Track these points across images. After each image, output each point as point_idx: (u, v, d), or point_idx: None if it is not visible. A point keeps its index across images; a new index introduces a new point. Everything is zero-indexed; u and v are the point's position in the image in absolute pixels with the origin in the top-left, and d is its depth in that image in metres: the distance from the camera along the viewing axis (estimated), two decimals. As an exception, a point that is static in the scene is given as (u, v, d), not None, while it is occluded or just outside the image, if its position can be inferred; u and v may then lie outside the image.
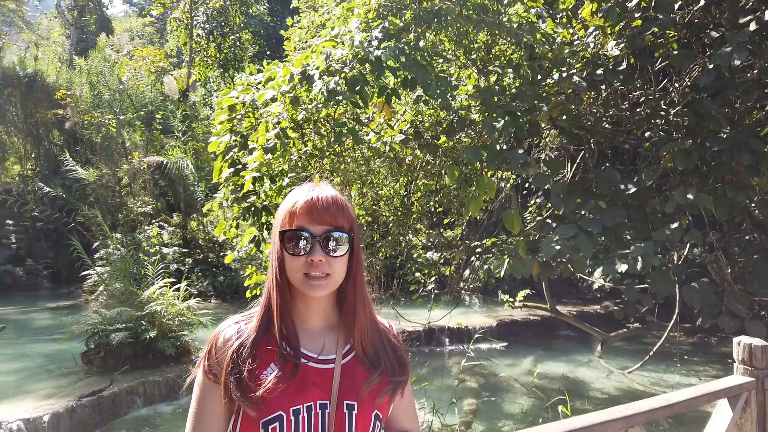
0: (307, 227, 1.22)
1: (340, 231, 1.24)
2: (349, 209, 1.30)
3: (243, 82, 5.67)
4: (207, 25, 19.18)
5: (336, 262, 1.24)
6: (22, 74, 17.74)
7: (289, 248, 1.23)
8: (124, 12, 42.81)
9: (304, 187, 1.30)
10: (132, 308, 7.34)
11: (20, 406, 5.72)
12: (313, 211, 1.23)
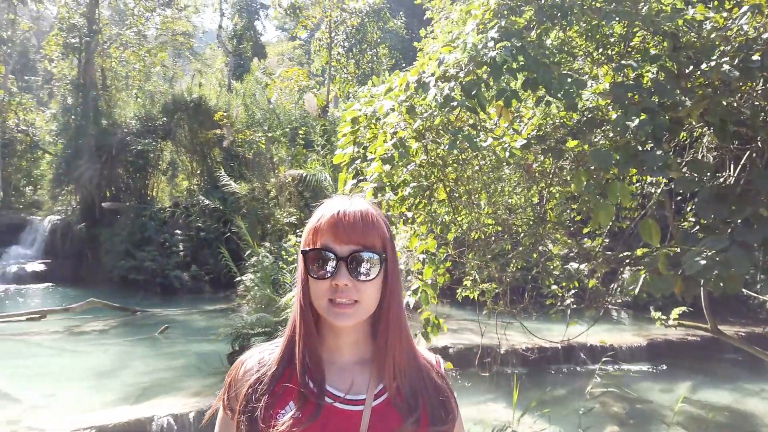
0: (332, 246, 1.08)
1: (369, 251, 1.09)
2: (381, 225, 1.14)
3: (365, 94, 5.74)
4: (346, 43, 20.03)
5: (365, 286, 1.09)
6: (189, 99, 19.90)
7: (312, 270, 1.09)
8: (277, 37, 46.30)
9: (335, 200, 1.15)
10: (270, 314, 7.76)
11: (171, 402, 6.28)
12: (338, 227, 1.09)
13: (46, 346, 9.52)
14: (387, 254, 1.13)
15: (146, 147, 18.03)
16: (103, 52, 21.32)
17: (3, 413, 6.02)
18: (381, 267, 1.11)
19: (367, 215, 1.12)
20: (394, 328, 1.14)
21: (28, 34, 28.18)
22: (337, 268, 1.07)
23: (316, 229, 1.11)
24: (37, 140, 21.44)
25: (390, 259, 1.14)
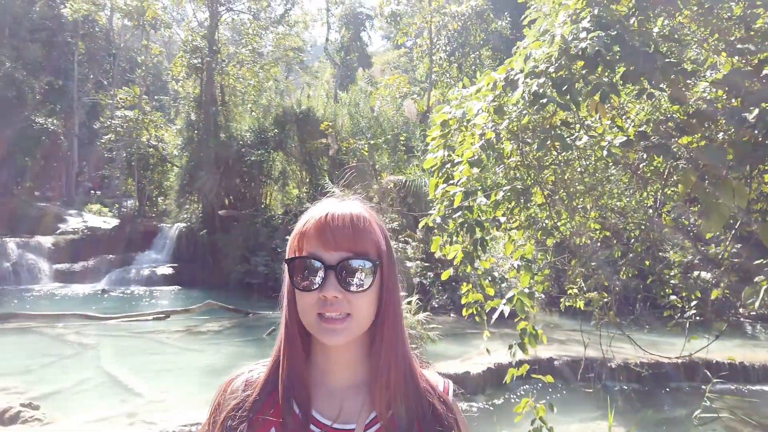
0: (319, 254, 0.96)
1: (361, 258, 0.96)
2: (375, 230, 1.01)
3: (456, 96, 5.61)
4: (448, 47, 19.89)
5: (357, 298, 0.96)
6: (298, 111, 20.81)
7: (297, 281, 0.97)
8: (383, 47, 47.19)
9: (324, 202, 1.03)
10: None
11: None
12: (326, 232, 0.96)
13: (168, 344, 10.31)
14: (382, 262, 1.00)
15: (259, 158, 19.07)
16: (221, 70, 22.89)
17: (124, 407, 6.58)
18: (375, 276, 0.98)
19: (359, 218, 1.00)
20: (390, 346, 1.01)
21: (159, 57, 31.03)
22: (326, 278, 0.95)
23: (302, 235, 0.99)
24: (166, 154, 23.44)
25: (386, 268, 1.01)
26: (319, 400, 1.01)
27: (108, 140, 24.58)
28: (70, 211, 27.16)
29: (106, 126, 25.09)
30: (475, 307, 6.23)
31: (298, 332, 1.01)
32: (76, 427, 5.53)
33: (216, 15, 23.10)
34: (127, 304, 15.79)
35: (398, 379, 1.00)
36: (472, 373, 7.92)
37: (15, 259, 19.84)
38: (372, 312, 0.99)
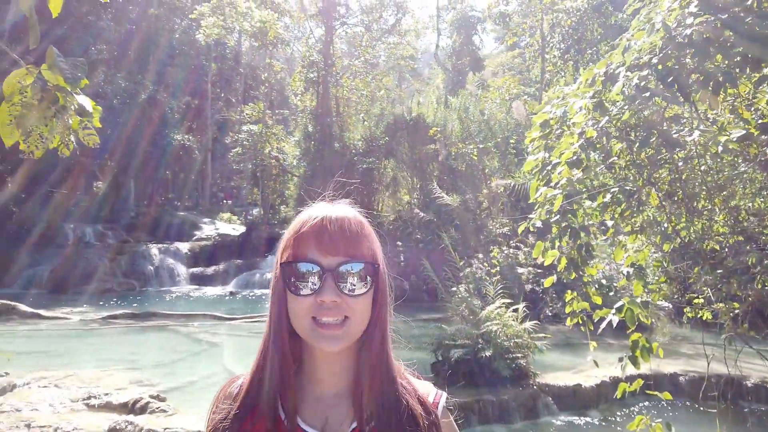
0: (317, 258, 0.95)
1: (360, 262, 0.96)
2: (371, 234, 1.03)
3: (557, 94, 5.36)
4: (563, 45, 19.10)
5: (355, 302, 0.95)
6: (408, 118, 21.06)
7: (293, 285, 0.96)
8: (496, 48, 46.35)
9: (317, 206, 1.04)
10: (471, 326, 7.69)
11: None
12: (323, 236, 0.96)
13: (283, 344, 10.86)
14: (379, 266, 1.01)
15: (370, 165, 19.53)
16: (336, 82, 23.83)
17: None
18: (373, 281, 0.98)
19: (358, 223, 1.01)
20: (377, 353, 0.99)
21: (282, 74, 32.93)
22: (324, 282, 0.94)
23: (298, 238, 0.98)
24: (286, 165, 24.79)
25: (380, 273, 1.01)
26: (306, 408, 0.99)
27: (236, 153, 26.52)
28: (204, 219, 29.64)
29: (234, 140, 27.09)
30: (581, 317, 5.90)
31: (288, 338, 0.99)
32: (196, 419, 5.99)
33: (331, 30, 24.11)
34: (251, 306, 16.87)
35: (379, 386, 0.98)
36: (584, 386, 7.49)
37: (157, 263, 22.03)
38: (367, 316, 0.99)
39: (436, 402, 1.06)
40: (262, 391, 0.98)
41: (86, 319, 12.94)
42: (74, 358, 9.28)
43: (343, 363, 1.00)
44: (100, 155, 26.26)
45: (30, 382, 7.23)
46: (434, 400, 1.06)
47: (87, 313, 13.65)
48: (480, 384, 7.27)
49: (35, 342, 10.62)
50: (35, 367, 8.10)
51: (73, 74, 2.53)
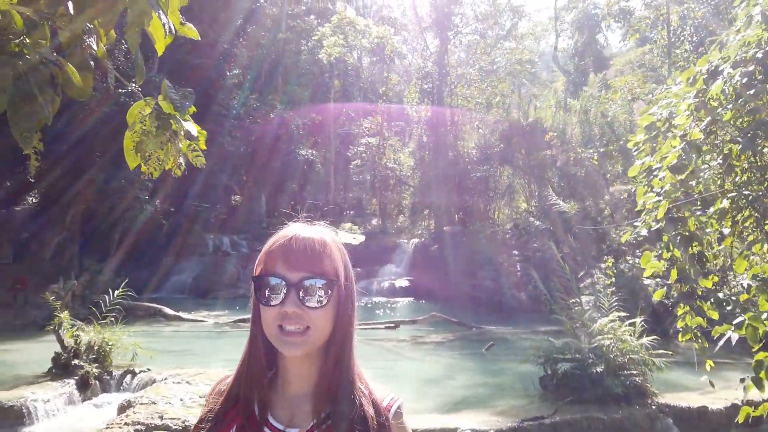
0: (282, 273, 1.06)
1: (320, 278, 1.06)
2: (335, 253, 1.12)
3: (663, 95, 5.02)
4: (695, 38, 17.58)
5: (315, 314, 1.06)
6: (524, 124, 20.57)
7: (261, 297, 1.07)
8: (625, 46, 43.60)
9: (291, 225, 1.13)
10: (582, 339, 7.35)
11: (476, 417, 6.53)
12: (289, 253, 1.07)
13: (393, 352, 11.08)
14: (339, 282, 1.10)
15: (485, 173, 19.31)
16: (451, 92, 23.91)
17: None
18: (332, 294, 1.08)
19: (321, 242, 1.10)
20: (337, 360, 1.10)
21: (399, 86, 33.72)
22: (287, 294, 1.05)
23: (268, 255, 1.10)
24: (402, 175, 25.27)
25: (342, 287, 1.10)
26: (277, 407, 1.10)
27: (355, 165, 27.56)
28: (327, 229, 31.03)
29: (354, 153, 28.18)
30: (694, 332, 5.45)
31: (263, 344, 1.10)
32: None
33: (445, 40, 24.25)
34: (369, 313, 17.36)
35: (336, 389, 1.08)
36: (711, 409, 6.83)
37: (284, 271, 23.42)
38: (329, 326, 1.09)
39: (389, 406, 1.15)
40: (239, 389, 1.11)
41: (219, 323, 14.15)
42: (206, 358, 10.21)
43: (308, 367, 1.10)
44: (237, 171, 28.59)
45: (167, 378, 8.06)
46: (387, 405, 1.15)
47: (221, 317, 14.91)
48: (589, 401, 6.90)
49: (175, 342, 11.82)
50: (173, 364, 9.02)
51: (181, 103, 2.86)
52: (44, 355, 8.26)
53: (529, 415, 6.57)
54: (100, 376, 8.16)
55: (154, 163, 2.99)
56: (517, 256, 18.06)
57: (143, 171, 2.99)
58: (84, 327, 8.50)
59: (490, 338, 12.02)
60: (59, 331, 8.20)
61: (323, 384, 1.08)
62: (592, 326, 7.42)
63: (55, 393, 7.20)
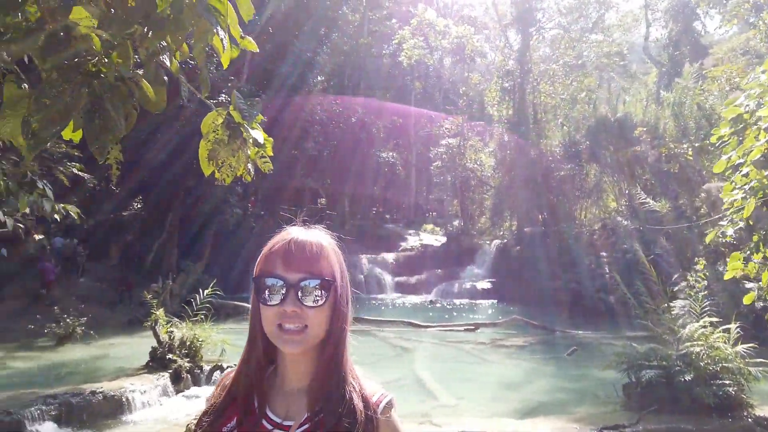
0: (282, 274, 1.11)
1: (317, 278, 1.11)
2: (331, 255, 1.16)
3: (752, 85, 4.67)
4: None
5: (313, 313, 1.11)
6: (613, 119, 19.64)
7: (262, 297, 1.12)
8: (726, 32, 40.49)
9: (290, 229, 1.18)
10: (667, 345, 6.95)
11: (553, 423, 6.35)
12: (288, 256, 1.12)
13: (472, 354, 10.97)
14: (335, 283, 1.14)
15: (570, 171, 18.65)
16: (533, 89, 23.30)
17: (420, 407, 7.32)
18: (329, 295, 1.13)
19: (318, 245, 1.15)
20: (330, 357, 1.14)
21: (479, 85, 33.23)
22: (286, 294, 1.10)
23: (268, 257, 1.15)
24: (483, 175, 24.92)
25: (338, 288, 1.15)
26: (275, 401, 1.16)
27: (436, 167, 27.51)
28: (409, 231, 31.22)
29: (434, 154, 28.15)
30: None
31: (262, 342, 1.16)
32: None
33: (527, 36, 23.67)
34: (449, 315, 17.30)
35: (329, 384, 1.12)
36: (818, 427, 6.22)
37: (366, 272, 23.85)
38: (325, 325, 1.14)
39: (378, 401, 1.16)
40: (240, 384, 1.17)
41: (302, 321, 14.63)
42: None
43: (305, 364, 1.15)
44: (322, 175, 29.43)
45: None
46: (377, 400, 1.16)
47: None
48: (676, 411, 6.50)
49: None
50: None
51: (249, 112, 3.05)
52: (143, 349, 8.94)
53: (609, 423, 6.30)
54: (192, 370, 8.70)
55: (226, 169, 3.18)
56: (605, 258, 17.29)
57: (217, 177, 3.20)
58: (177, 323, 9.12)
59: (573, 343, 11.61)
60: (155, 327, 8.84)
61: (318, 380, 1.13)
62: (680, 332, 6.99)
63: (151, 385, 7.77)
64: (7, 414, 6.20)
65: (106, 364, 9.77)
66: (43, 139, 2.49)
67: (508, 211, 21.11)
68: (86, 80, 2.38)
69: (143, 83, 2.76)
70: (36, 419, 6.35)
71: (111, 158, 3.64)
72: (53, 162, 12.72)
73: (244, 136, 3.04)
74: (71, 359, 10.18)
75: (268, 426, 1.12)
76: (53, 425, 6.44)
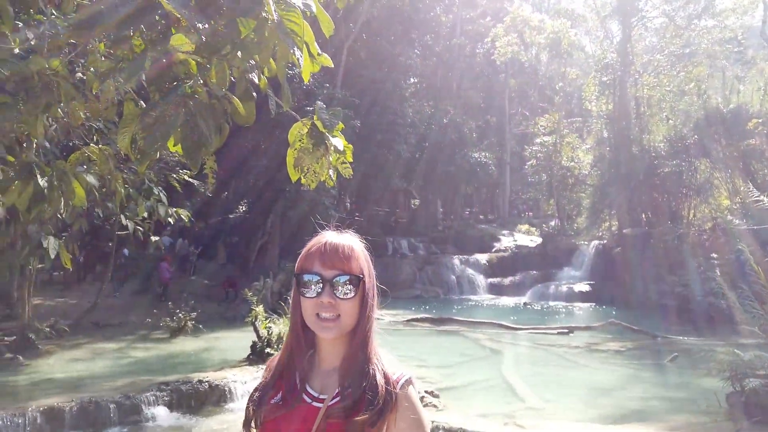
0: (319, 271, 1.32)
1: (348, 275, 1.33)
2: (360, 256, 1.38)
3: None
4: None
5: (344, 304, 1.32)
6: (725, 111, 18.23)
7: (302, 290, 1.34)
8: None
9: (326, 233, 1.40)
10: (776, 354, 6.45)
11: (639, 430, 6.11)
12: (324, 256, 1.34)
13: (565, 358, 10.67)
14: (364, 279, 1.35)
15: (676, 168, 17.55)
16: (635, 82, 22.11)
17: (505, 408, 7.27)
18: (358, 289, 1.34)
19: (350, 247, 1.36)
20: (358, 343, 1.34)
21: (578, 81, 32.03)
22: (323, 288, 1.31)
23: (307, 256, 1.36)
24: (580, 174, 23.99)
25: (366, 283, 1.36)
26: (313, 378, 1.38)
27: (531, 165, 26.87)
28: (503, 231, 30.69)
29: (529, 153, 27.51)
30: None
31: (302, 329, 1.38)
32: (460, 418, 6.54)
33: (629, 27, 22.51)
34: (543, 318, 16.88)
35: (357, 364, 1.33)
36: None
37: (458, 273, 23.79)
38: (356, 315, 1.35)
39: (397, 379, 1.34)
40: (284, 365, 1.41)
41: (395, 321, 14.95)
42: (379, 352, 10.90)
43: (338, 347, 1.36)
44: (414, 176, 29.72)
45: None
46: (397, 378, 1.35)
47: (397, 315, 15.72)
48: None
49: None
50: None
51: (331, 121, 3.32)
52: (245, 343, 9.62)
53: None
54: (288, 364, 9.23)
55: (311, 175, 3.46)
56: (716, 260, 16.08)
57: (303, 183, 3.47)
58: (275, 320, 9.72)
59: (676, 349, 10.96)
60: (255, 323, 9.48)
61: (347, 360, 1.34)
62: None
63: (251, 376, 8.35)
64: (126, 398, 7.01)
65: (212, 355, 10.60)
66: (148, 155, 2.88)
67: (607, 211, 20.19)
68: (183, 101, 2.73)
69: (234, 100, 3.10)
70: (151, 404, 7.10)
71: (207, 168, 4.05)
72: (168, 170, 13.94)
73: (326, 144, 3.30)
74: (182, 350, 11.13)
75: (307, 399, 1.34)
76: (165, 409, 7.16)
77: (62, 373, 8.95)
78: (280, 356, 1.43)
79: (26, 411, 6.37)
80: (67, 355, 10.33)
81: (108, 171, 4.64)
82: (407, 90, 30.59)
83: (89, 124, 8.28)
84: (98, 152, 4.44)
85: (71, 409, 6.63)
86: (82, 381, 8.30)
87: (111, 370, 9.37)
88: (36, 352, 10.34)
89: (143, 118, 2.60)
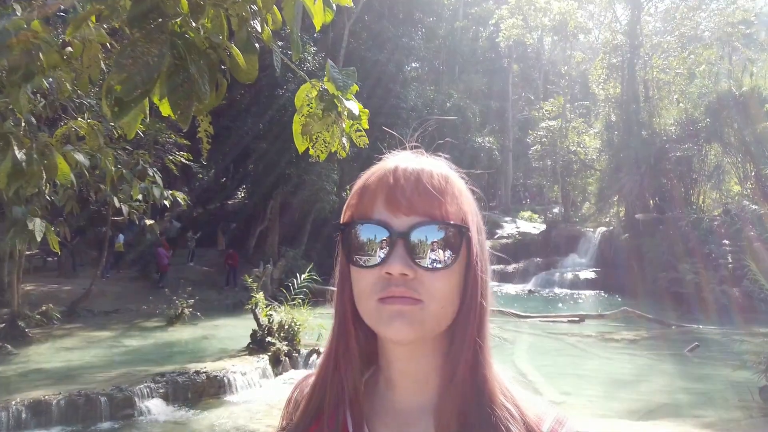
0: (385, 218, 0.69)
1: (440, 225, 0.68)
2: (462, 192, 0.73)
3: None
4: None
5: (433, 279, 0.68)
6: (737, 94, 17.69)
7: (353, 255, 0.70)
8: None
9: (396, 155, 0.77)
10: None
11: (675, 428, 5.70)
12: (394, 190, 0.69)
13: (578, 348, 10.27)
14: (469, 232, 0.71)
15: (686, 153, 17.06)
16: (644, 64, 21.54)
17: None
18: (460, 251, 0.69)
19: (442, 176, 0.72)
20: (470, 357, 0.70)
21: (583, 65, 31.41)
22: (392, 249, 0.68)
23: (362, 194, 0.73)
24: (587, 159, 23.49)
25: (473, 243, 0.71)
26: (378, 422, 0.75)
27: (535, 151, 26.34)
28: (506, 218, 30.22)
29: (534, 138, 26.98)
30: None
31: (355, 329, 0.74)
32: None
33: (638, 7, 21.90)
34: (549, 305, 16.50)
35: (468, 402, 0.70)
36: None
37: (462, 260, 23.38)
38: (453, 301, 0.70)
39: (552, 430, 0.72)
40: (325, 390, 0.76)
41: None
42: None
43: (424, 363, 0.73)
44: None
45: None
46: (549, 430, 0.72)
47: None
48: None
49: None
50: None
51: (344, 82, 2.80)
52: (245, 332, 9.18)
53: (744, 430, 5.56)
54: (290, 354, 8.82)
55: (320, 145, 2.95)
56: (728, 247, 15.68)
57: (311, 154, 2.98)
58: (276, 307, 9.27)
59: (693, 339, 10.56)
60: (255, 310, 9.03)
61: (449, 392, 0.70)
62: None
63: (251, 367, 7.94)
64: (119, 390, 6.57)
65: (210, 344, 10.17)
66: (127, 105, 2.35)
67: (615, 197, 19.71)
68: (170, 40, 2.21)
69: (233, 49, 2.57)
70: (145, 396, 6.66)
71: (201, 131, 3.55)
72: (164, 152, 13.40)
73: (339, 109, 2.80)
74: (179, 339, 10.70)
75: None
76: (161, 402, 6.72)
77: (53, 362, 8.52)
78: (315, 381, 0.79)
79: (9, 405, 5.93)
80: (58, 344, 9.89)
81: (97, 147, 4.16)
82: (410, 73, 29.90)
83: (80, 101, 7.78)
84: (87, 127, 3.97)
85: (59, 403, 6.19)
86: (73, 371, 7.87)
87: (104, 359, 8.93)
88: (26, 340, 9.91)
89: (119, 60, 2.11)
